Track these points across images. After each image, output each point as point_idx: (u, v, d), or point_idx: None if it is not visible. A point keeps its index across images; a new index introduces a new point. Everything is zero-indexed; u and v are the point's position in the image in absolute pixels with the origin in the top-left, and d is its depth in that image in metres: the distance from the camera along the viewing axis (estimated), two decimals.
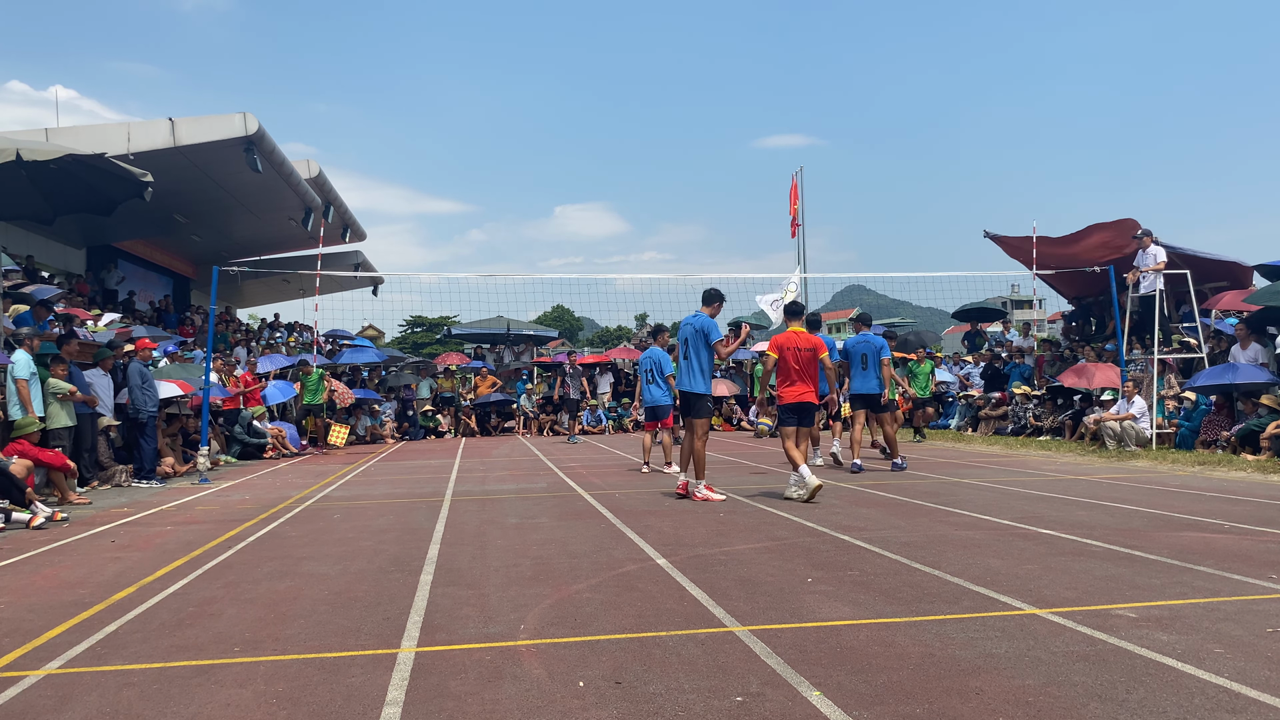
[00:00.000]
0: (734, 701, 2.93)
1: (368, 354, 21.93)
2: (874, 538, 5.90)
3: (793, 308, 8.62)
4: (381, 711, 2.92)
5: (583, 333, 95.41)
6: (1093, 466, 10.88)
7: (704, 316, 8.23)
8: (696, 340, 8.11)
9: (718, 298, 8.43)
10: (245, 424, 15.05)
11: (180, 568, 5.47)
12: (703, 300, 8.43)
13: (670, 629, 3.80)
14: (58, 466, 8.84)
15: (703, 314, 8.28)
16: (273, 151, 17.73)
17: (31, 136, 13.83)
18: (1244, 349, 12.53)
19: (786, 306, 8.68)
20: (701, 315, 8.25)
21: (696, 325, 8.16)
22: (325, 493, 9.57)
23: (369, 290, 30.11)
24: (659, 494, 8.62)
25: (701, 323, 8.16)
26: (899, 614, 3.96)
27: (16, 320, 11.29)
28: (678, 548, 5.68)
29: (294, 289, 29.40)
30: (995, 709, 2.82)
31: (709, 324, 8.16)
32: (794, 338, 8.31)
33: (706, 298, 8.42)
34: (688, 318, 8.33)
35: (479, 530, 6.64)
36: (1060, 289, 20.78)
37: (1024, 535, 5.94)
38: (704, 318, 8.21)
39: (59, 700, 3.12)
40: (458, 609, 4.24)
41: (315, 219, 21.35)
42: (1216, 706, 2.80)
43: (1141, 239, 14.21)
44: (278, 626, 4.01)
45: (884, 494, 8.33)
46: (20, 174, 9.83)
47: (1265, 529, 6.04)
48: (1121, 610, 3.95)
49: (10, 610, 4.47)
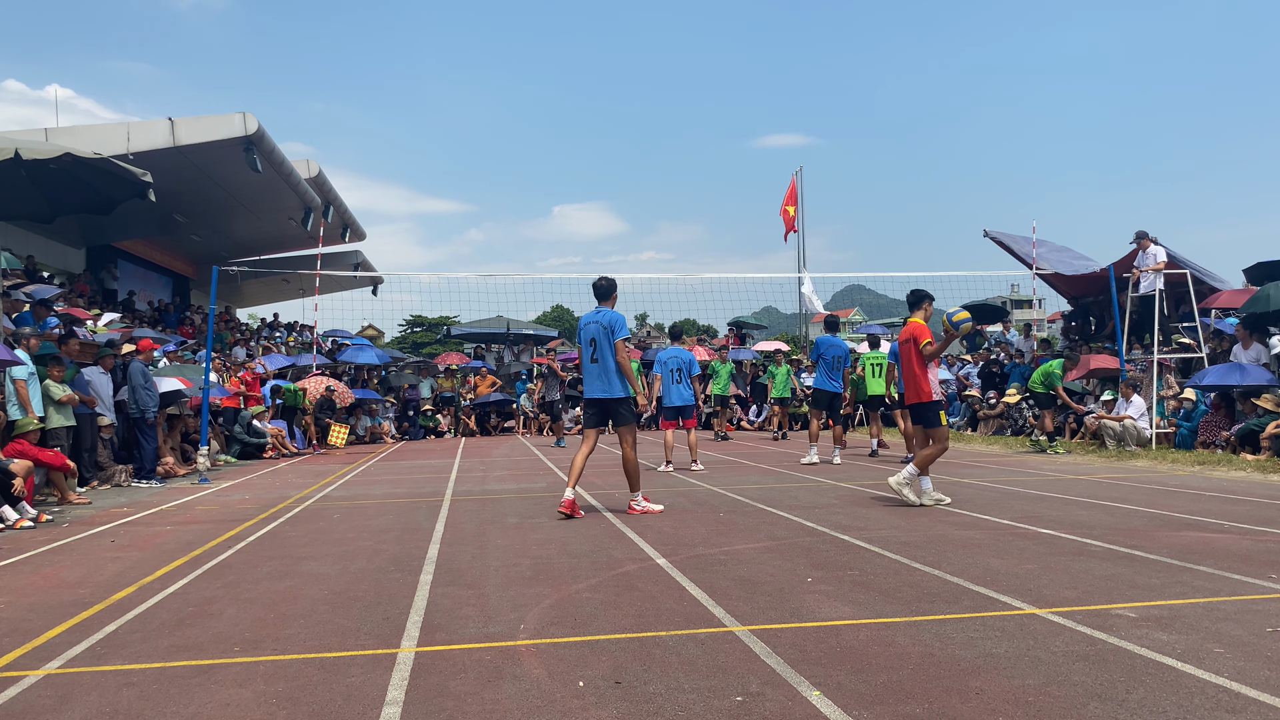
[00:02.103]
0: (734, 701, 2.93)
1: (368, 354, 21.93)
2: (874, 537, 5.90)
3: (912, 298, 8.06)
4: (381, 711, 2.92)
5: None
6: (1093, 466, 10.89)
7: (611, 312, 7.30)
8: (604, 339, 7.20)
9: (614, 288, 7.49)
10: (245, 424, 15.05)
11: (180, 568, 5.47)
12: (601, 295, 7.43)
13: (670, 629, 3.80)
14: (57, 466, 8.84)
15: (607, 309, 7.34)
16: (272, 151, 17.73)
17: (31, 136, 13.84)
18: (1246, 349, 12.53)
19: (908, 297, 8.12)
20: (607, 310, 7.31)
21: (604, 322, 7.21)
22: (325, 493, 9.57)
23: (369, 290, 30.14)
24: (659, 494, 8.61)
25: (610, 319, 7.22)
26: (899, 614, 3.95)
27: (17, 320, 11.28)
28: (677, 547, 5.68)
29: (294, 289, 29.42)
30: (995, 709, 2.81)
31: (618, 320, 7.24)
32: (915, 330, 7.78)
33: (605, 291, 7.43)
34: (591, 314, 7.35)
35: (479, 530, 6.64)
36: (1060, 289, 20.81)
37: (1024, 535, 5.93)
38: (611, 313, 7.28)
39: (59, 700, 3.12)
40: (457, 609, 4.24)
41: (315, 219, 21.36)
42: (1216, 706, 2.80)
43: (1141, 240, 14.22)
44: (277, 626, 4.00)
45: (884, 494, 8.33)
46: (20, 173, 9.83)
47: (1265, 529, 6.04)
48: (1121, 610, 3.95)
49: (10, 610, 4.47)
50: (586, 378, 7.32)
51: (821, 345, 12.04)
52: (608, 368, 7.16)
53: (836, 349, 11.87)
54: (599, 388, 7.20)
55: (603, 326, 7.21)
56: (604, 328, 7.20)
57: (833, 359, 11.83)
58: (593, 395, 7.27)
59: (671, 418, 11.66)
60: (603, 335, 7.19)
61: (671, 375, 11.31)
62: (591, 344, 7.24)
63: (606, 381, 7.17)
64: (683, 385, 11.28)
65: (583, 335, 7.36)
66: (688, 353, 11.76)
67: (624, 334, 7.20)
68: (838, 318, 13.09)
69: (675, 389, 11.28)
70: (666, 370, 11.39)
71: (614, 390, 7.17)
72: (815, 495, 8.30)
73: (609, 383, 7.16)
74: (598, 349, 7.20)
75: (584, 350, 7.33)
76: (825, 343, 12.01)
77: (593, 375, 7.24)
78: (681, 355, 11.47)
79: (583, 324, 7.39)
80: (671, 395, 11.32)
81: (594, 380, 7.23)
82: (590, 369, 7.26)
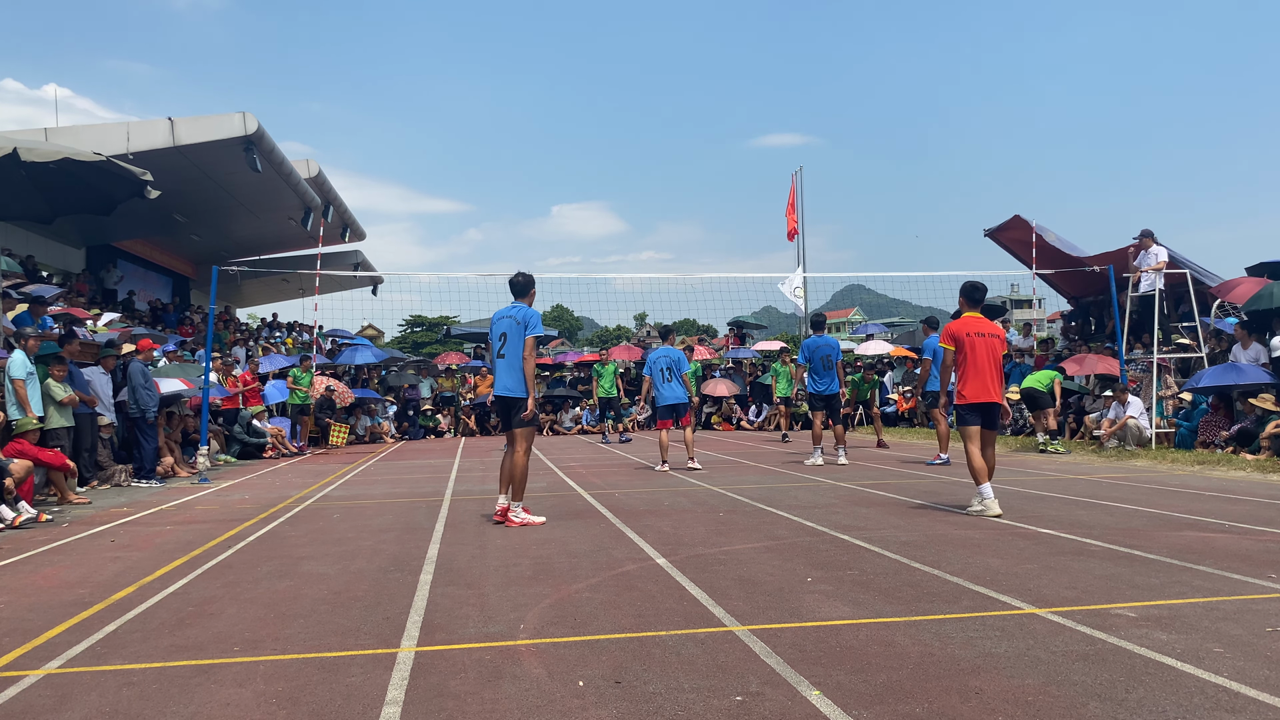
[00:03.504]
0: (733, 701, 2.93)
1: (367, 354, 21.93)
2: (874, 537, 5.90)
3: (972, 293, 7.31)
4: (381, 711, 2.92)
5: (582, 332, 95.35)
6: (1093, 466, 10.89)
7: (527, 308, 7.10)
8: (516, 334, 6.96)
9: (532, 284, 7.29)
10: (245, 424, 15.05)
11: (180, 567, 5.47)
12: (518, 291, 7.23)
13: (670, 628, 3.80)
14: (57, 466, 8.84)
15: (523, 305, 7.13)
16: (272, 151, 17.72)
17: (31, 136, 13.84)
18: (1245, 349, 12.53)
19: (964, 290, 7.34)
20: (523, 306, 7.11)
21: (519, 317, 6.99)
22: (325, 492, 9.57)
23: (369, 290, 30.16)
24: (659, 494, 8.62)
25: (525, 315, 7.00)
26: (898, 613, 3.96)
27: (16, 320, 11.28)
28: (677, 547, 5.68)
29: (294, 289, 29.43)
30: (995, 708, 2.82)
31: (534, 316, 7.04)
32: (977, 323, 7.09)
33: (522, 287, 7.24)
34: (505, 310, 7.14)
35: (479, 530, 6.64)
36: (1060, 288, 20.80)
37: (1024, 535, 5.94)
38: (527, 309, 7.08)
39: (59, 700, 3.12)
40: (457, 608, 4.24)
41: (315, 219, 21.36)
42: (1216, 706, 2.80)
43: (1141, 239, 14.22)
44: (277, 626, 4.00)
45: (884, 494, 8.33)
46: (19, 173, 9.83)
47: (1265, 528, 6.04)
48: (1121, 610, 3.95)
49: (10, 610, 4.47)
50: (496, 373, 7.12)
51: (808, 347, 12.02)
52: (514, 363, 6.97)
53: (825, 348, 11.85)
54: (507, 384, 7.00)
55: (516, 321, 7.01)
56: (518, 323, 7.00)
57: (822, 359, 11.82)
58: (500, 392, 7.06)
59: (666, 417, 11.68)
60: (515, 330, 6.98)
61: (661, 375, 11.39)
62: (502, 338, 7.03)
63: (514, 378, 6.97)
64: (674, 383, 11.37)
65: (494, 329, 7.14)
66: (676, 351, 11.82)
67: (538, 331, 7.00)
68: (823, 317, 13.05)
69: (667, 388, 11.37)
70: (656, 370, 11.48)
71: (520, 389, 6.95)
72: (815, 495, 8.30)
73: (517, 380, 6.96)
74: (507, 343, 7.00)
75: (493, 345, 7.14)
76: (812, 344, 11.99)
77: (501, 370, 7.04)
78: (670, 354, 11.53)
79: (496, 318, 7.18)
80: (664, 394, 11.41)
81: (503, 375, 7.03)
82: (498, 364, 7.08)
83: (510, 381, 6.97)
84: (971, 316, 7.18)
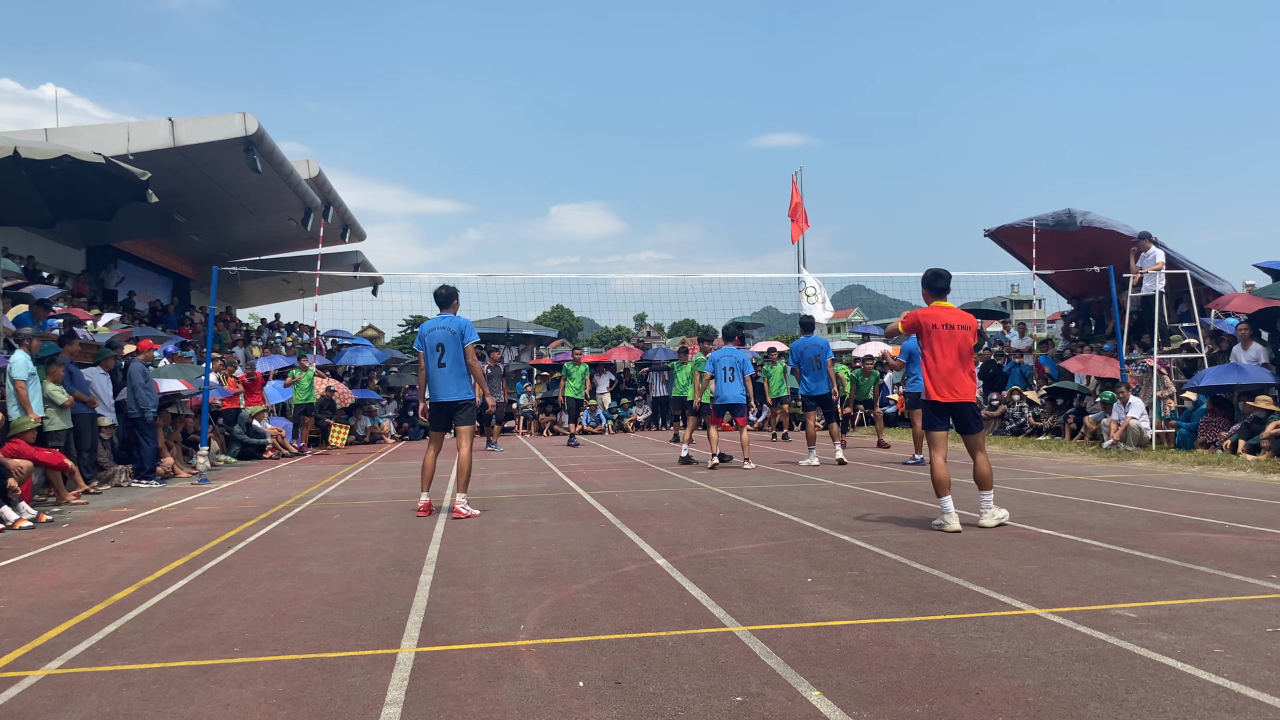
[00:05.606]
0: (734, 701, 2.93)
1: (367, 354, 21.93)
2: (874, 538, 5.90)
3: (935, 281, 6.64)
4: (381, 711, 2.92)
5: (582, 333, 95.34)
6: (1093, 466, 10.89)
7: (459, 318, 7.56)
8: (454, 344, 7.40)
9: (456, 295, 7.70)
10: (245, 424, 15.05)
11: (180, 568, 5.47)
12: (442, 302, 7.66)
13: (670, 629, 3.80)
14: (55, 466, 8.84)
15: (452, 315, 7.58)
16: (272, 151, 17.72)
17: (31, 136, 13.83)
18: (1245, 349, 12.53)
19: (925, 280, 6.69)
20: (453, 316, 7.57)
21: (454, 328, 7.45)
22: (325, 493, 9.57)
23: (369, 290, 30.16)
24: (659, 494, 8.62)
25: (459, 325, 7.48)
26: (899, 614, 3.96)
27: (16, 320, 11.28)
28: (677, 548, 5.68)
29: (294, 289, 29.42)
30: (995, 709, 2.82)
31: (468, 325, 7.52)
32: (947, 313, 6.48)
33: (447, 299, 7.66)
34: (435, 320, 7.59)
35: (479, 530, 6.64)
36: (1060, 289, 20.78)
37: (1024, 535, 5.94)
38: (460, 319, 7.54)
39: (59, 700, 3.12)
40: (458, 609, 4.24)
41: (315, 219, 21.35)
42: (1216, 706, 2.80)
43: (1141, 241, 14.22)
44: (278, 626, 4.00)
45: (883, 494, 8.33)
46: (21, 175, 9.82)
47: (1265, 529, 6.04)
48: (1121, 610, 3.95)
49: (10, 610, 4.47)
50: (432, 382, 7.48)
51: (796, 350, 12.15)
52: (460, 371, 7.42)
53: (814, 348, 11.98)
54: (449, 390, 7.42)
55: (451, 332, 7.44)
56: (453, 333, 7.44)
57: (810, 360, 11.94)
58: (443, 399, 7.45)
59: (721, 414, 11.93)
60: (452, 340, 7.42)
61: (724, 373, 11.54)
62: (439, 349, 7.43)
63: (458, 384, 7.42)
64: (735, 383, 11.49)
65: (428, 341, 7.49)
66: (741, 352, 11.94)
67: (475, 338, 7.50)
68: (812, 318, 13.22)
69: (728, 386, 11.50)
70: (720, 369, 11.60)
71: (465, 392, 7.44)
72: (815, 495, 8.30)
73: (460, 385, 7.43)
74: (445, 353, 7.41)
75: (429, 356, 7.47)
76: (800, 345, 12.13)
77: (441, 379, 7.43)
78: (735, 354, 11.66)
79: (425, 330, 7.56)
80: (725, 393, 11.55)
81: (444, 384, 7.43)
82: (438, 373, 7.43)
83: (453, 388, 7.43)
84: (940, 306, 6.57)
